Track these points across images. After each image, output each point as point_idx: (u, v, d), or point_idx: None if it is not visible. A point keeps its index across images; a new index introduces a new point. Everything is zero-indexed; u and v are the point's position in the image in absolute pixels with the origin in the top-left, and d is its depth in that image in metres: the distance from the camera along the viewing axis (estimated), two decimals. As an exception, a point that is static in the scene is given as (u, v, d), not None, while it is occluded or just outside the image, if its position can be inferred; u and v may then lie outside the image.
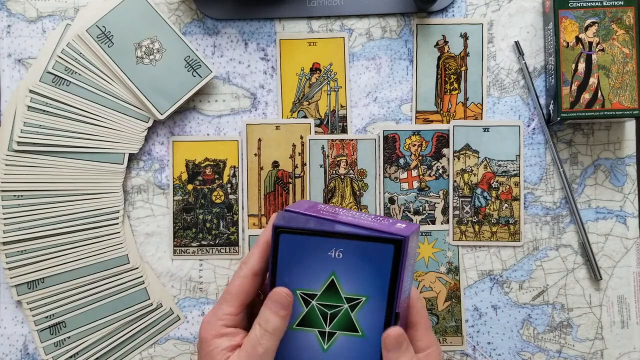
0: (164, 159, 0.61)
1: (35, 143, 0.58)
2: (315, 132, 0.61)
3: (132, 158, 0.60)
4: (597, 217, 0.60)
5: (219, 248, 0.60)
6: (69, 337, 0.58)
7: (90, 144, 0.59)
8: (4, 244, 0.58)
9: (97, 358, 0.59)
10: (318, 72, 0.61)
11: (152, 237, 0.60)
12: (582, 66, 0.56)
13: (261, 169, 0.61)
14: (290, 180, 0.61)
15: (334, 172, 0.60)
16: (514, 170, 0.60)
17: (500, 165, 0.60)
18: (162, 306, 0.60)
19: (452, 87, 0.61)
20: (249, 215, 0.60)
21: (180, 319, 0.60)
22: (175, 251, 0.60)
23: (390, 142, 0.60)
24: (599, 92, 0.56)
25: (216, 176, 0.61)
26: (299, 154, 0.61)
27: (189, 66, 0.59)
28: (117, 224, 0.59)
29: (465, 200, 0.60)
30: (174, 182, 0.60)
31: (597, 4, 0.56)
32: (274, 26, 0.61)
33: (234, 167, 0.61)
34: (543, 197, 0.60)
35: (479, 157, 0.60)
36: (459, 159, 0.60)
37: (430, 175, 0.60)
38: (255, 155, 0.61)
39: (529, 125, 0.60)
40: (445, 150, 0.60)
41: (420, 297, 0.45)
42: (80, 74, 0.59)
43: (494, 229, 0.60)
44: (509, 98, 0.61)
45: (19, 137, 0.58)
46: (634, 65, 0.56)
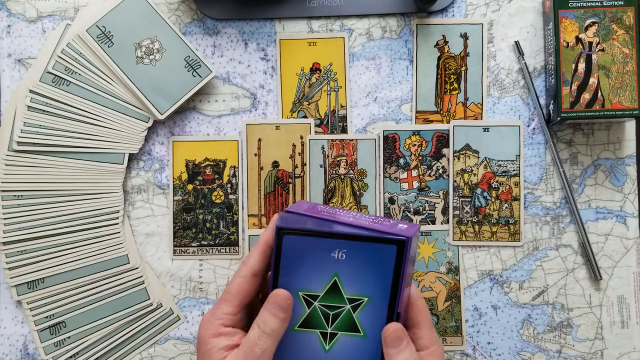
0: (164, 159, 0.61)
1: (35, 143, 0.58)
2: (315, 132, 0.61)
3: (132, 158, 0.60)
4: (597, 217, 0.60)
5: (219, 248, 0.60)
6: (69, 337, 0.58)
7: (90, 144, 0.59)
8: (4, 244, 0.58)
9: (97, 358, 0.59)
10: (318, 72, 0.61)
11: (152, 237, 0.60)
12: (582, 66, 0.56)
13: (261, 169, 0.61)
14: (290, 180, 0.61)
15: (334, 172, 0.60)
16: (514, 170, 0.60)
17: (500, 165, 0.60)
18: (162, 306, 0.60)
19: (452, 87, 0.61)
20: (249, 215, 0.60)
21: (180, 319, 0.60)
22: (175, 251, 0.60)
23: (390, 142, 0.60)
24: (599, 92, 0.56)
25: (216, 176, 0.61)
26: (299, 154, 0.61)
27: (189, 66, 0.59)
28: (117, 224, 0.59)
29: (465, 200, 0.60)
30: (174, 182, 0.60)
31: (597, 4, 0.56)
32: (274, 26, 0.61)
33: (234, 167, 0.61)
34: (543, 197, 0.60)
35: (479, 157, 0.60)
36: (459, 159, 0.60)
37: (430, 175, 0.60)
38: (255, 155, 0.61)
39: (529, 125, 0.60)
40: (445, 150, 0.60)
41: (422, 296, 0.45)
42: (80, 74, 0.59)
43: (494, 229, 0.60)
44: (509, 98, 0.61)
45: (19, 137, 0.58)
46: (634, 65, 0.56)
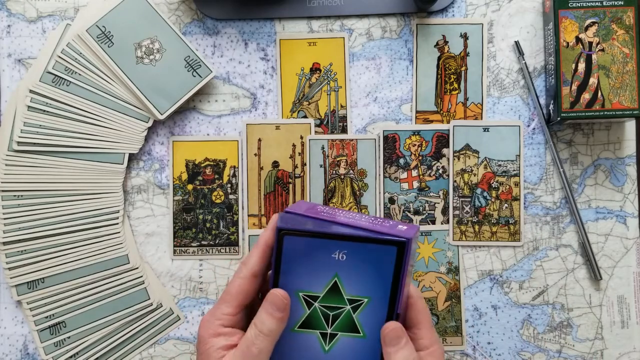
0: (164, 159, 0.61)
1: (35, 143, 0.58)
2: (315, 132, 0.61)
3: (132, 158, 0.60)
4: (597, 217, 0.60)
5: (219, 248, 0.60)
6: (69, 337, 0.58)
7: (90, 144, 0.59)
8: (4, 244, 0.58)
9: (97, 358, 0.59)
10: (318, 72, 0.61)
11: (152, 237, 0.60)
12: (582, 66, 0.56)
13: (261, 169, 0.61)
14: (290, 180, 0.61)
15: (334, 172, 0.60)
16: (514, 170, 0.60)
17: (500, 165, 0.60)
18: (162, 306, 0.60)
19: (452, 87, 0.61)
20: (249, 215, 0.60)
21: (180, 319, 0.60)
22: (175, 251, 0.60)
23: (390, 142, 0.60)
24: (599, 92, 0.56)
25: (216, 176, 0.61)
26: (299, 154, 0.61)
27: (189, 66, 0.59)
28: (117, 224, 0.59)
29: (465, 200, 0.60)
30: (174, 182, 0.60)
31: (597, 4, 0.56)
32: (274, 26, 0.61)
33: (234, 167, 0.61)
34: (543, 197, 0.60)
35: (479, 157, 0.60)
36: (459, 159, 0.60)
37: (430, 175, 0.60)
38: (255, 155, 0.61)
39: (529, 125, 0.60)
40: (445, 150, 0.60)
41: (422, 297, 0.45)
42: (80, 74, 0.59)
43: (494, 229, 0.60)
44: (509, 98, 0.61)
45: (19, 137, 0.58)
46: (634, 65, 0.56)
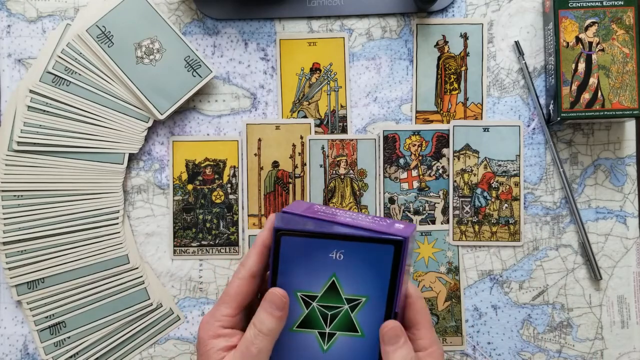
0: (164, 159, 0.61)
1: (35, 143, 0.58)
2: (315, 132, 0.61)
3: (132, 158, 0.60)
4: (597, 217, 0.60)
5: (219, 248, 0.60)
6: (69, 337, 0.58)
7: (90, 144, 0.59)
8: (4, 244, 0.58)
9: (97, 358, 0.59)
10: (318, 72, 0.61)
11: (152, 237, 0.60)
12: (582, 66, 0.56)
13: (261, 169, 0.61)
14: (290, 180, 0.61)
15: (334, 172, 0.60)
16: (514, 170, 0.60)
17: (500, 165, 0.60)
18: (162, 306, 0.60)
19: (452, 87, 0.61)
20: (249, 215, 0.60)
21: (180, 319, 0.60)
22: (175, 251, 0.60)
23: (390, 142, 0.60)
24: (599, 92, 0.56)
25: (216, 176, 0.61)
26: (299, 154, 0.61)
27: (189, 66, 0.59)
28: (117, 224, 0.59)
29: (465, 200, 0.60)
30: (174, 182, 0.60)
31: (597, 4, 0.56)
32: (274, 26, 0.61)
33: (234, 167, 0.61)
34: (543, 197, 0.60)
35: (479, 157, 0.60)
36: (459, 159, 0.60)
37: (430, 175, 0.60)
38: (255, 155, 0.61)
39: (529, 125, 0.60)
40: (445, 150, 0.60)
41: (422, 297, 0.45)
42: (80, 74, 0.59)
43: (494, 229, 0.60)
44: (509, 98, 0.61)
45: (19, 137, 0.58)
46: (634, 65, 0.56)
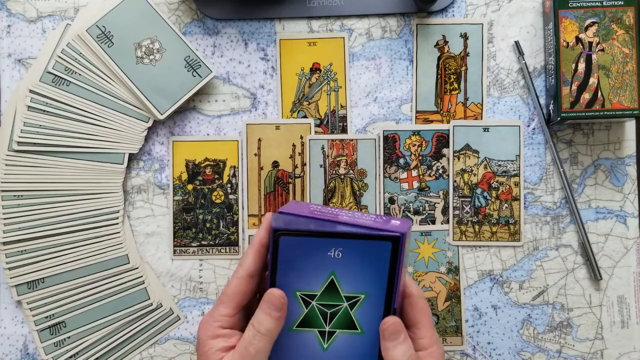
0: (164, 159, 0.61)
1: (35, 143, 0.58)
2: (315, 132, 0.61)
3: (132, 158, 0.60)
4: (597, 217, 0.60)
5: (219, 248, 0.60)
6: (69, 337, 0.58)
7: (90, 144, 0.59)
8: (4, 244, 0.58)
9: (97, 358, 0.59)
10: (318, 72, 0.61)
11: (152, 237, 0.60)
12: (582, 66, 0.56)
13: (261, 169, 0.61)
14: (290, 180, 0.61)
15: (334, 172, 0.60)
16: (514, 170, 0.60)
17: (500, 165, 0.60)
18: (162, 306, 0.60)
19: (452, 87, 0.61)
20: (249, 215, 0.60)
21: (180, 319, 0.60)
22: (175, 251, 0.60)
23: (390, 142, 0.60)
24: (599, 92, 0.56)
25: (216, 176, 0.61)
26: (299, 154, 0.61)
27: (189, 66, 0.59)
28: (117, 224, 0.59)
29: (465, 200, 0.60)
30: (174, 182, 0.60)
31: (597, 4, 0.56)
32: (274, 26, 0.61)
33: (234, 167, 0.61)
34: (543, 197, 0.60)
35: (479, 157, 0.60)
36: (459, 159, 0.60)
37: (430, 175, 0.60)
38: (255, 155, 0.61)
39: (529, 125, 0.60)
40: (445, 150, 0.60)
41: (424, 296, 0.45)
42: (80, 74, 0.59)
43: (494, 229, 0.60)
44: (509, 98, 0.61)
45: (19, 137, 0.58)
46: (634, 65, 0.56)
